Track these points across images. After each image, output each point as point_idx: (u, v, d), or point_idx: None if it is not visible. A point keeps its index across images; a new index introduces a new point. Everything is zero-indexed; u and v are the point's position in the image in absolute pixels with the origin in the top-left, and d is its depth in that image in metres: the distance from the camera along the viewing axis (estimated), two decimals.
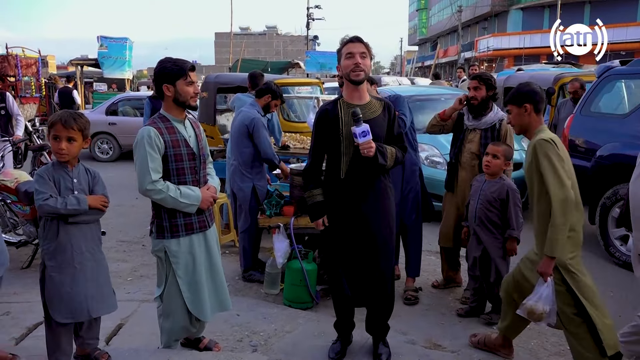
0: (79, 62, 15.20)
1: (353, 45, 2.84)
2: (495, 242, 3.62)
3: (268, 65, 20.60)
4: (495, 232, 3.62)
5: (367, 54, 2.85)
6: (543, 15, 38.17)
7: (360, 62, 2.80)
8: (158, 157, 2.66)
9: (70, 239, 2.64)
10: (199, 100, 7.00)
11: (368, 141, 2.73)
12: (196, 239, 2.83)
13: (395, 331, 3.55)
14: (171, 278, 2.80)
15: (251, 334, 3.44)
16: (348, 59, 2.83)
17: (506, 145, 3.69)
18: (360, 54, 2.82)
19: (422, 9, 60.41)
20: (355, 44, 2.85)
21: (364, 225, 2.91)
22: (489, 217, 3.61)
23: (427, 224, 5.87)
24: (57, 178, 2.63)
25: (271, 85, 4.61)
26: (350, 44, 2.86)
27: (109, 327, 3.52)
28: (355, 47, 2.83)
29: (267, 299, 4.10)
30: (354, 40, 2.87)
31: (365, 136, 2.72)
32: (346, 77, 2.88)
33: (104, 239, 5.09)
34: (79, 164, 2.73)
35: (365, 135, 2.72)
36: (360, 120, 2.73)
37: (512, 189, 3.60)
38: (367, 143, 2.73)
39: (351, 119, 2.80)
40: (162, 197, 2.67)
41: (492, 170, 3.61)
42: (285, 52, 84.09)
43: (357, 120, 2.73)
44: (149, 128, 2.67)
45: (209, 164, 3.04)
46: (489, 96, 3.87)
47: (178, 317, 2.85)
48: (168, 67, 2.70)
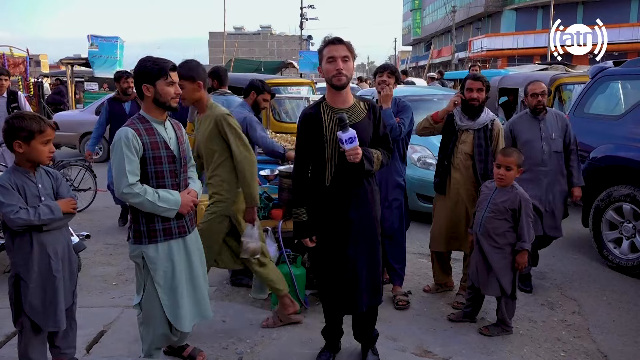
0: (70, 62, 15.02)
1: (335, 47, 2.71)
2: (498, 253, 3.50)
3: (261, 65, 20.53)
4: (499, 243, 3.49)
5: (349, 57, 2.72)
6: (536, 15, 38.28)
7: (342, 67, 2.69)
8: (136, 160, 2.57)
9: (46, 248, 2.53)
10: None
11: (355, 147, 2.64)
12: (175, 245, 2.73)
13: (385, 337, 3.47)
14: (149, 285, 2.70)
15: (237, 341, 3.35)
16: (329, 63, 2.71)
17: (515, 152, 3.56)
18: (342, 57, 2.69)
19: (416, 9, 60.51)
20: (337, 46, 2.71)
21: (350, 231, 2.83)
22: (496, 227, 3.49)
23: (418, 226, 5.85)
24: (21, 185, 2.50)
25: (253, 81, 4.52)
26: (331, 46, 2.72)
27: (90, 334, 3.43)
28: (337, 51, 2.70)
29: (255, 304, 4.01)
30: (335, 42, 2.72)
31: (352, 142, 2.63)
32: (328, 81, 2.77)
33: (89, 242, 5.07)
34: (39, 168, 2.63)
35: (352, 142, 2.63)
36: (346, 126, 2.63)
37: (524, 199, 3.46)
38: (354, 149, 2.64)
39: (335, 124, 2.72)
40: (139, 201, 2.57)
41: (506, 182, 3.49)
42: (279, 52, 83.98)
43: (344, 126, 2.63)
44: (126, 129, 2.58)
45: (190, 167, 2.96)
46: (486, 98, 3.84)
47: (158, 325, 2.75)
48: (148, 66, 2.59)
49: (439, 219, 4.06)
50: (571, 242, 5.63)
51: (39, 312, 2.54)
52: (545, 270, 4.82)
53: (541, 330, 3.68)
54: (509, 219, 3.48)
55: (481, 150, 3.83)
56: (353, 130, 2.64)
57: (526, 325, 3.75)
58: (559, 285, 4.51)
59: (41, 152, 2.52)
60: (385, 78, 3.94)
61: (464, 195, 3.90)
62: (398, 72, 4.08)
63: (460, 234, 3.96)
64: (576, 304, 4.14)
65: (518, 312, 3.85)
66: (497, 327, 3.60)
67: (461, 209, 3.92)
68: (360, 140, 2.67)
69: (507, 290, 3.51)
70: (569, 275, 4.75)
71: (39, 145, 2.51)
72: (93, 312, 3.81)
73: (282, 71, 22.11)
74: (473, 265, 3.65)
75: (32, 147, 2.49)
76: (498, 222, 3.49)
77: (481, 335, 3.56)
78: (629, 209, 4.73)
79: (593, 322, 3.81)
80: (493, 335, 3.56)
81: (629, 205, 4.71)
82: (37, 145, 2.50)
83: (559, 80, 7.31)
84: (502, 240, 3.49)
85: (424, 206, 6.27)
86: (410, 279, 4.58)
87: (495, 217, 3.50)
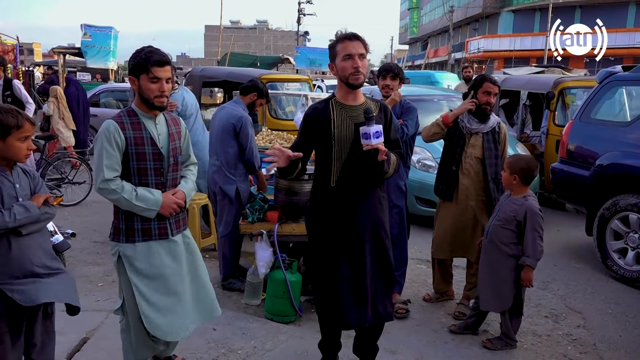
0: (62, 51, 14.65)
1: (351, 44, 2.54)
2: (501, 264, 3.33)
3: (257, 60, 20.25)
4: (504, 252, 3.31)
5: (365, 55, 2.57)
6: (534, 18, 38.25)
7: (360, 65, 2.52)
8: (116, 154, 2.41)
9: (25, 252, 2.32)
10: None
11: (381, 143, 2.44)
12: (156, 247, 2.54)
13: (384, 350, 3.30)
14: (126, 287, 2.53)
15: (228, 352, 3.17)
16: (346, 61, 2.53)
17: (527, 158, 3.42)
18: (359, 55, 2.53)
19: (414, 7, 60.32)
20: (353, 42, 2.54)
21: (357, 238, 2.64)
22: (501, 237, 3.32)
23: (416, 230, 5.68)
24: None
25: (257, 82, 4.32)
26: (347, 42, 2.55)
27: (72, 341, 3.23)
28: (354, 48, 2.53)
29: (247, 311, 3.83)
30: (352, 39, 2.55)
31: (379, 137, 2.42)
32: (343, 79, 2.58)
33: (76, 240, 4.86)
34: (16, 166, 2.42)
35: (379, 136, 2.42)
36: (372, 119, 2.44)
37: (531, 211, 3.25)
38: (380, 145, 2.43)
39: (345, 122, 2.57)
40: (115, 198, 2.42)
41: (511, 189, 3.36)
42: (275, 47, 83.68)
43: (370, 119, 2.43)
44: (109, 122, 2.42)
45: (190, 166, 2.77)
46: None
47: (138, 333, 2.57)
48: (135, 57, 2.42)
49: (444, 225, 3.88)
50: (573, 251, 5.49)
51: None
52: (547, 279, 4.68)
53: (546, 345, 3.52)
54: (514, 229, 3.30)
55: (491, 153, 3.68)
56: (379, 125, 2.46)
57: (530, 339, 3.60)
58: (562, 297, 4.36)
59: (19, 149, 2.31)
60: (389, 82, 3.77)
61: (473, 202, 3.73)
62: (402, 72, 3.90)
63: (466, 241, 3.79)
64: (581, 316, 3.99)
65: (522, 324, 3.69)
66: (500, 341, 3.44)
67: (469, 215, 3.75)
68: None
69: (506, 304, 3.34)
70: (572, 285, 4.61)
71: (15, 141, 2.29)
72: (76, 317, 3.57)
73: (278, 66, 21.86)
74: (481, 273, 3.48)
75: (8, 143, 2.28)
76: (504, 231, 3.32)
77: (484, 349, 3.41)
78: (635, 219, 4.58)
79: (599, 337, 3.66)
80: (496, 349, 3.41)
81: (636, 215, 4.57)
82: (14, 142, 2.29)
83: (563, 84, 7.15)
84: (507, 250, 3.32)
85: (423, 210, 6.12)
86: (409, 286, 4.41)
87: (501, 225, 3.33)
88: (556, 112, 7.07)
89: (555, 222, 6.57)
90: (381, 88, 3.83)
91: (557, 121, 7.02)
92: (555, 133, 6.84)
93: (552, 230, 6.32)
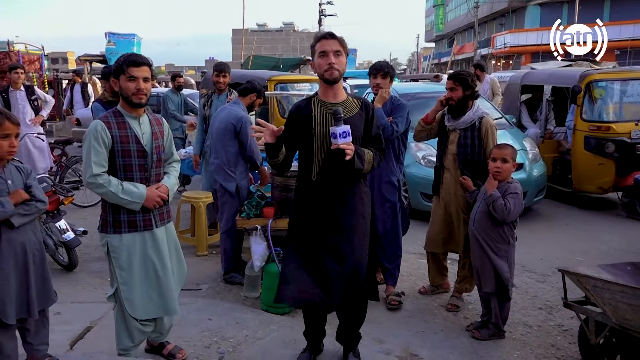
0: (87, 58, 15.20)
1: (327, 42, 2.69)
2: (493, 248, 3.37)
3: (280, 62, 20.41)
4: (493, 238, 3.37)
5: (341, 52, 2.70)
6: (561, 11, 37.37)
7: (334, 62, 2.66)
8: (103, 151, 2.60)
9: (14, 244, 2.54)
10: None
11: (348, 143, 2.58)
12: (140, 238, 2.74)
13: (372, 339, 3.41)
14: (114, 275, 2.75)
15: (220, 340, 3.32)
16: (321, 58, 2.69)
17: (510, 146, 3.44)
18: (334, 52, 2.67)
19: (439, 5, 59.67)
20: (328, 40, 2.70)
21: (335, 227, 2.75)
22: (487, 224, 3.38)
23: (419, 225, 5.74)
24: None
25: (255, 84, 4.50)
26: (323, 40, 2.70)
27: (76, 330, 3.44)
28: (329, 45, 2.68)
29: (246, 303, 3.98)
30: (327, 37, 2.71)
31: (346, 137, 2.56)
32: (320, 76, 2.73)
33: (89, 237, 5.10)
34: (9, 163, 2.62)
35: (346, 136, 2.57)
36: (341, 119, 2.58)
37: (514, 187, 3.34)
38: (347, 145, 2.57)
39: (325, 119, 2.68)
40: (103, 192, 2.62)
41: (504, 176, 3.37)
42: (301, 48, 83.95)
43: (338, 119, 2.58)
44: (97, 122, 2.63)
45: (172, 164, 2.95)
46: (466, 95, 3.70)
47: (128, 317, 2.78)
48: (116, 61, 2.65)
49: (435, 219, 3.98)
50: (578, 245, 5.46)
51: (4, 304, 2.51)
52: (547, 272, 4.68)
53: (535, 336, 3.56)
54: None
55: (466, 150, 3.71)
56: (347, 125, 2.59)
57: (520, 329, 3.64)
58: (560, 289, 4.34)
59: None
60: (379, 81, 3.87)
61: (453, 196, 3.81)
62: (393, 70, 3.99)
63: (454, 235, 3.86)
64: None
65: (514, 315, 3.75)
66: (488, 331, 3.49)
67: (453, 210, 3.83)
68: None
69: (507, 279, 3.35)
70: None
71: None
72: (83, 308, 3.83)
73: (301, 68, 21.97)
74: (475, 265, 3.53)
75: None
76: (488, 220, 3.37)
77: (472, 339, 3.47)
78: None
79: None
80: (484, 339, 3.46)
81: None
82: None
83: (590, 76, 6.83)
84: (495, 235, 3.37)
85: (427, 205, 6.14)
86: (407, 279, 4.50)
87: (486, 210, 3.37)
88: (583, 107, 6.78)
89: (566, 216, 6.53)
90: (372, 86, 3.94)
91: (584, 116, 6.76)
92: (583, 129, 6.66)
93: (560, 223, 6.30)
